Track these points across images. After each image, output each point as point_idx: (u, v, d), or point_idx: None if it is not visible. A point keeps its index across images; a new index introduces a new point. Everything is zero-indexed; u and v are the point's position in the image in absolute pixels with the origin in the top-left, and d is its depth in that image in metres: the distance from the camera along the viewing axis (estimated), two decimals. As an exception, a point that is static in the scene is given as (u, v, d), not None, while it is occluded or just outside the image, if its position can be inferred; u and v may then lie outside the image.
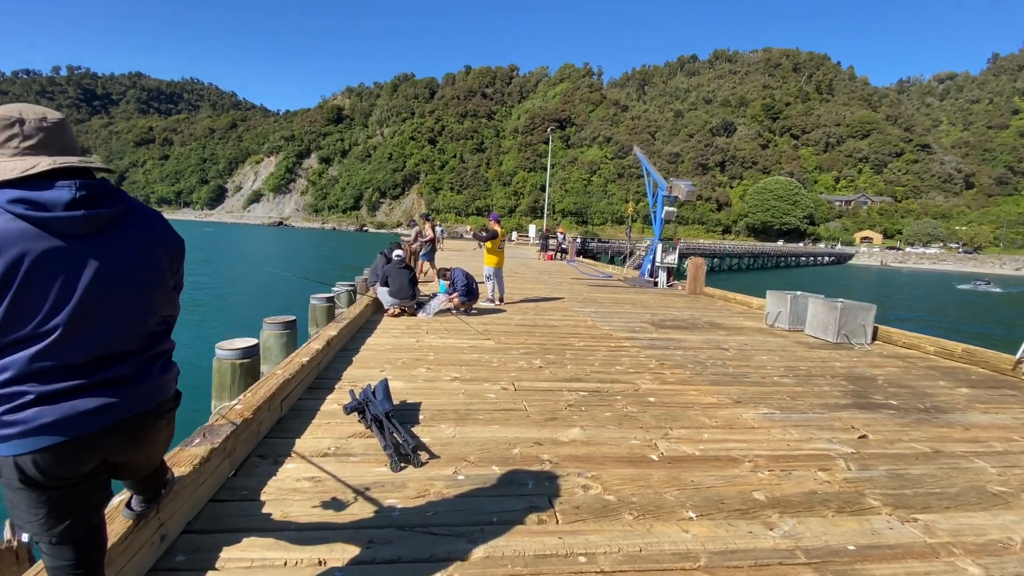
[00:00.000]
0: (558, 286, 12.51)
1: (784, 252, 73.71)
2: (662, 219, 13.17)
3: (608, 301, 10.08)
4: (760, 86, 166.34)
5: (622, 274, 16.84)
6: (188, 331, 13.74)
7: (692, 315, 8.74)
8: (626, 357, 5.53)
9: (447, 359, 5.06)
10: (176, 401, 1.54)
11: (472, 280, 7.70)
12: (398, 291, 7.02)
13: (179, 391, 1.57)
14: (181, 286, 1.56)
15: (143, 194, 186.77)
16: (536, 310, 8.49)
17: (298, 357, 4.05)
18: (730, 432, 3.58)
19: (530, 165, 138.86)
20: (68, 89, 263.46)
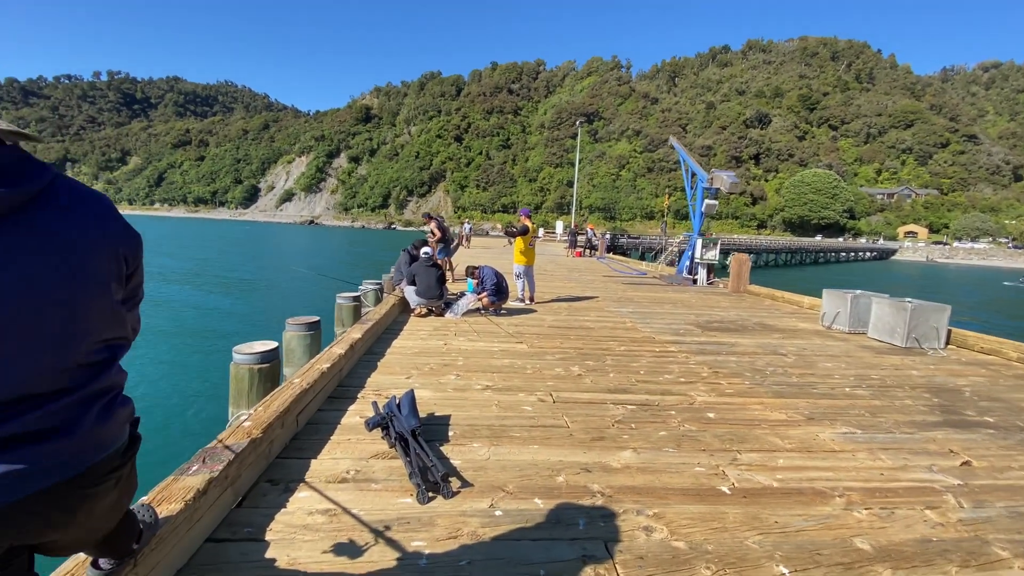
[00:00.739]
0: (590, 284, 12.00)
1: (824, 247, 70.88)
2: (702, 213, 12.48)
3: (646, 300, 9.52)
4: (796, 76, 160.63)
5: (657, 271, 16.16)
6: (207, 334, 13.72)
7: (739, 316, 8.11)
8: (674, 364, 5.02)
9: (477, 365, 4.66)
10: (129, 454, 1.15)
11: (502, 279, 7.29)
12: (425, 290, 6.66)
13: (137, 435, 1.19)
14: (138, 297, 1.17)
15: (180, 194, 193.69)
16: (569, 310, 8.02)
17: (318, 363, 3.71)
18: (809, 457, 3.06)
19: (556, 160, 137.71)
20: (108, 94, 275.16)
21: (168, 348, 11.75)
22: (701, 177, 12.59)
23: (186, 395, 8.28)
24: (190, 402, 7.99)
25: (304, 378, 3.35)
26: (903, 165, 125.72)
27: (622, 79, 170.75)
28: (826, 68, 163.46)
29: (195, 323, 15.02)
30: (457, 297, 7.33)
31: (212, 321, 15.37)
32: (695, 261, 12.61)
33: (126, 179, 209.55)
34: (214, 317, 16.03)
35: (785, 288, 11.47)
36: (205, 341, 12.76)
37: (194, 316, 16.04)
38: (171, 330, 13.76)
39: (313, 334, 5.47)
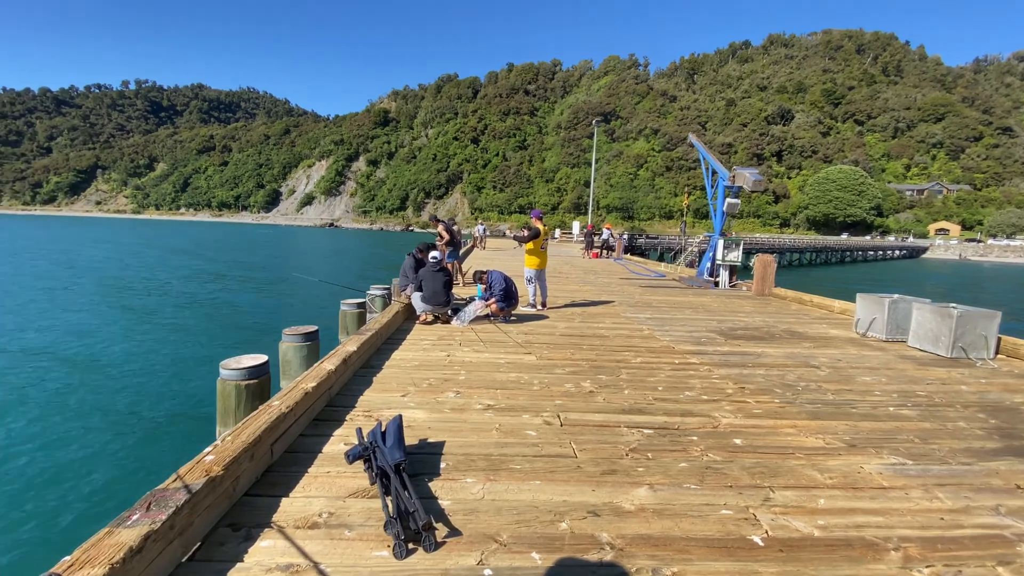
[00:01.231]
0: (606, 287, 11.57)
1: (850, 246, 68.84)
2: (723, 212, 11.96)
3: (665, 305, 9.07)
4: (820, 70, 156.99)
5: (676, 273, 15.63)
6: (198, 345, 12.88)
7: (765, 322, 7.62)
8: (696, 378, 4.60)
9: (480, 380, 4.32)
10: None
11: (511, 283, 6.94)
12: (431, 296, 6.36)
13: None
14: None
15: (205, 199, 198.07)
16: (583, 316, 7.63)
17: (304, 382, 3.41)
18: (855, 495, 2.65)
19: (573, 161, 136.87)
20: (136, 102, 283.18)
21: (156, 359, 11.24)
22: (722, 175, 12.06)
23: (172, 412, 7.99)
24: (176, 420, 7.76)
25: (285, 400, 3.05)
26: (934, 160, 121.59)
27: (639, 77, 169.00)
28: (851, 61, 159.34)
29: (189, 332, 14.40)
30: (465, 303, 7.01)
31: (208, 330, 14.81)
32: (716, 263, 12.08)
33: (153, 185, 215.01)
34: (211, 325, 15.55)
35: (811, 290, 10.91)
36: (199, 350, 12.26)
37: (190, 324, 15.49)
38: (159, 339, 13.19)
39: (310, 345, 5.22)
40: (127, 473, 6.41)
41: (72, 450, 7.05)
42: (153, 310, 17.20)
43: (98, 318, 15.53)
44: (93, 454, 6.90)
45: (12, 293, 19.31)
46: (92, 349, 11.93)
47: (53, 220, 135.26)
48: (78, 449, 7.07)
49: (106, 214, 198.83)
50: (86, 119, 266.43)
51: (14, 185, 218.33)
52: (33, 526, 5.32)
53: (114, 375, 9.95)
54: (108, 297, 19.34)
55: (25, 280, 23.04)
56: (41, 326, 14.08)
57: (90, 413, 8.18)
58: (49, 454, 6.87)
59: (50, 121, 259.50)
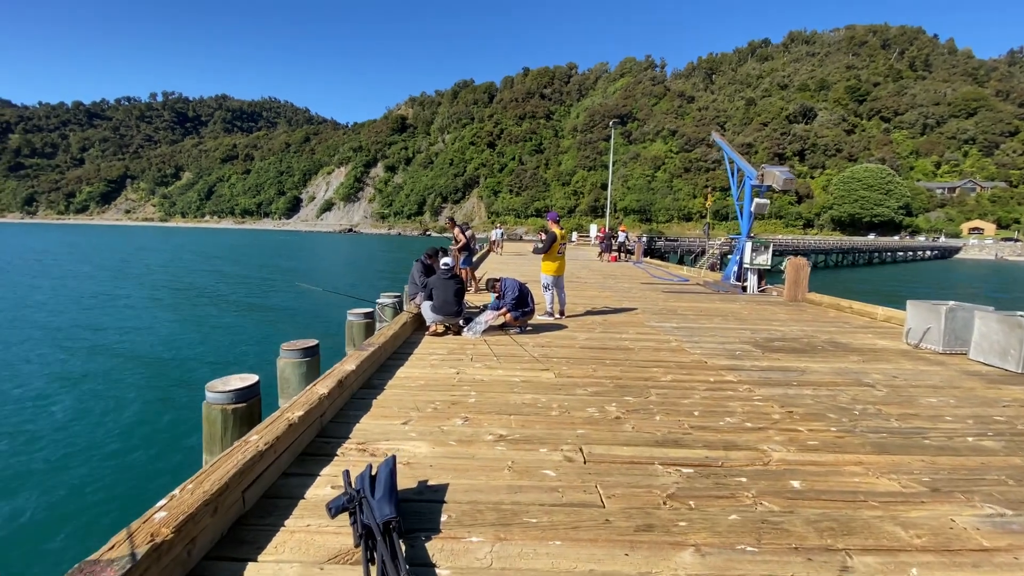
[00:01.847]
0: (627, 293, 11.03)
1: (879, 247, 66.58)
2: (751, 213, 11.32)
3: (691, 312, 8.51)
4: (843, 67, 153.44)
5: (700, 277, 14.97)
6: (189, 363, 11.74)
7: (804, 332, 7.01)
8: (735, 400, 4.08)
9: (492, 403, 3.87)
10: None
11: (526, 291, 6.49)
12: (442, 306, 5.95)
13: None
14: None
15: (228, 206, 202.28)
16: (604, 326, 7.13)
17: (290, 411, 3.01)
18: (953, 562, 2.12)
19: (590, 164, 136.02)
20: (164, 113, 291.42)
21: (142, 378, 10.46)
22: (749, 174, 11.44)
23: (156, 439, 7.47)
24: (163, 447, 7.23)
25: (265, 434, 2.65)
26: (965, 157, 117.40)
27: (656, 79, 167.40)
28: (876, 57, 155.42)
29: (179, 348, 13.15)
30: (478, 312, 6.58)
31: (202, 346, 13.46)
32: (744, 266, 11.44)
33: (179, 193, 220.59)
34: (206, 340, 14.08)
35: (839, 293, 10.23)
36: (189, 371, 11.13)
37: (180, 339, 14.18)
38: (146, 357, 12.16)
39: (310, 361, 4.84)
40: (118, 497, 6.11)
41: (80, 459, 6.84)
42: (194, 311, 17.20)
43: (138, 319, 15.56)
44: (91, 471, 6.65)
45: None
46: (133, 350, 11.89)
47: (88, 229, 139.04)
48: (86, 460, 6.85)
49: (135, 222, 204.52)
50: (116, 131, 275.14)
51: (49, 195, 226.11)
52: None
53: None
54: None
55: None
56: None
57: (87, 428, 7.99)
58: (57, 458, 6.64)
59: (83, 133, 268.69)
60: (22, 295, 21.07)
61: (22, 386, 9.74)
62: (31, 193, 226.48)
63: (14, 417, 8.29)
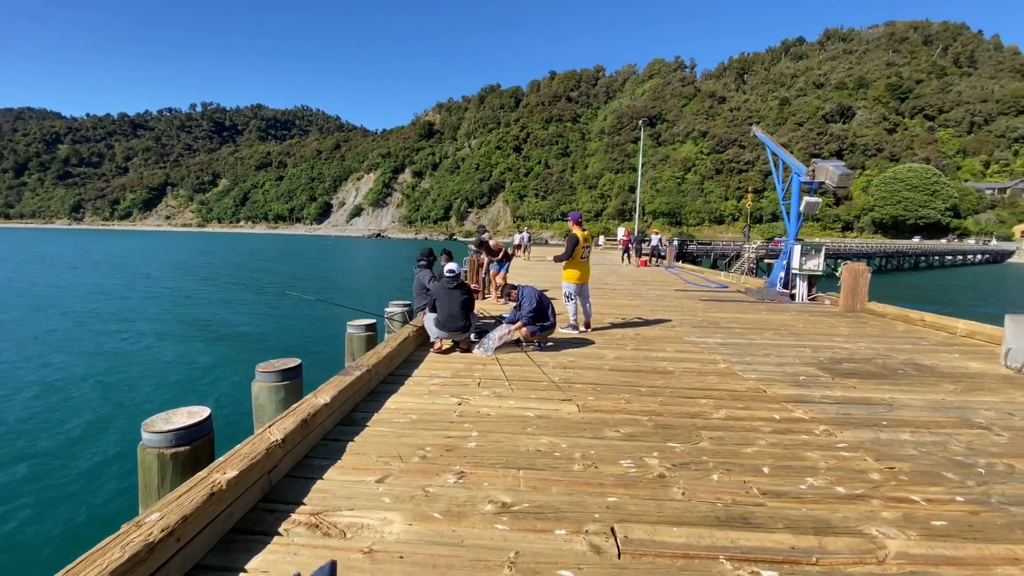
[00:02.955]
0: (660, 301, 10.04)
1: (926, 250, 62.92)
2: (800, 213, 10.20)
3: (736, 325, 7.49)
4: (883, 64, 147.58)
5: (740, 283, 13.80)
6: (154, 387, 10.10)
7: (875, 350, 5.94)
8: (814, 449, 3.14)
9: (497, 449, 3.04)
10: None
11: (545, 301, 5.64)
12: (447, 320, 5.16)
13: None
14: None
15: (262, 212, 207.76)
16: (637, 341, 6.22)
17: (222, 470, 2.25)
18: None
19: (617, 166, 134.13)
20: (202, 123, 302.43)
21: (89, 401, 9.21)
22: (797, 170, 10.32)
23: (95, 478, 6.41)
24: (96, 489, 6.26)
25: (170, 512, 1.89)
26: (1016, 156, 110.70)
27: (686, 79, 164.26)
28: (918, 54, 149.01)
29: (154, 367, 11.67)
30: (493, 324, 5.77)
31: (177, 365, 11.89)
32: (792, 272, 10.31)
33: (216, 200, 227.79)
34: (181, 358, 12.41)
35: (888, 301, 9.02)
36: (147, 396, 9.66)
37: (164, 355, 12.63)
38: (103, 374, 10.86)
39: (289, 384, 4.11)
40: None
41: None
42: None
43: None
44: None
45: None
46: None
47: (135, 234, 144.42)
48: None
49: (175, 227, 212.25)
50: (158, 140, 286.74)
51: (95, 202, 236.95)
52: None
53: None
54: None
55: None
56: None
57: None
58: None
59: (127, 143, 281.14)
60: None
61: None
62: (78, 200, 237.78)
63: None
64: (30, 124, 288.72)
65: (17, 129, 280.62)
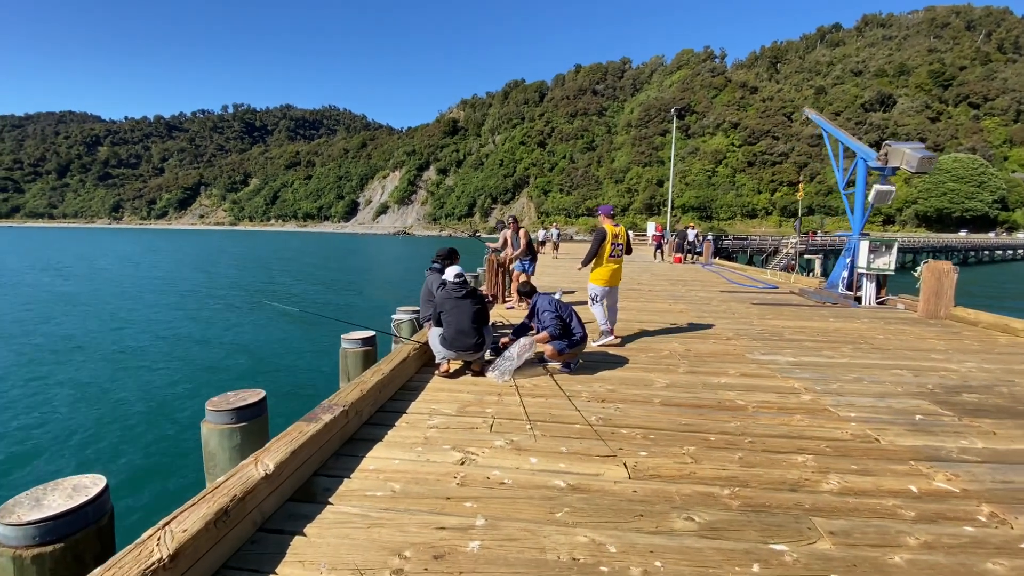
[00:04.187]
0: (706, 305, 8.85)
1: (975, 245, 59.09)
2: (868, 203, 8.87)
3: (804, 336, 6.28)
4: (924, 50, 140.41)
5: (790, 282, 12.42)
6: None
7: (988, 372, 4.68)
8: (993, 556, 2.03)
9: (512, 559, 2.00)
10: None
11: (570, 313, 4.59)
12: (455, 336, 4.16)
13: None
14: None
15: (291, 210, 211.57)
16: (689, 360, 5.09)
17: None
18: None
19: (644, 160, 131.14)
20: (234, 124, 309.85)
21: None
22: (864, 155, 8.99)
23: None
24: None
25: None
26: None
27: (716, 70, 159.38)
28: (961, 39, 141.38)
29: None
30: (511, 336, 4.76)
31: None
32: (858, 271, 8.98)
33: (247, 199, 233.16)
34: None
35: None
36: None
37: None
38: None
39: (247, 426, 3.20)
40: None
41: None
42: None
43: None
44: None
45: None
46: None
47: (174, 233, 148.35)
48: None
49: (208, 226, 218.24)
50: (192, 141, 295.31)
51: (133, 202, 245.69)
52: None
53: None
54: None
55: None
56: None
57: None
58: None
59: (163, 144, 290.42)
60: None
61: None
62: (117, 200, 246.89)
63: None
64: (71, 127, 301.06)
65: (59, 132, 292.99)
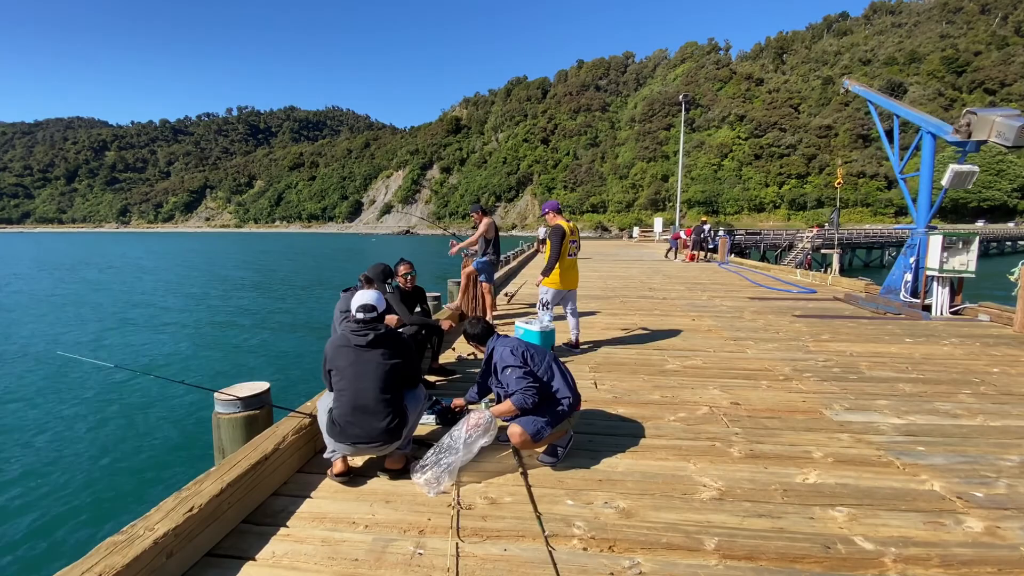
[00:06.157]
0: (736, 320, 7.06)
1: (996, 235, 56.64)
2: (936, 187, 7.08)
3: (885, 368, 4.51)
4: (936, 36, 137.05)
5: (827, 285, 10.57)
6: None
7: None
8: None
9: None
10: None
11: (549, 364, 2.81)
12: (349, 416, 2.39)
13: None
14: None
15: (296, 211, 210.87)
16: (742, 425, 3.33)
17: None
18: None
19: (649, 155, 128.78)
20: (238, 126, 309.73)
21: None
22: (933, 128, 7.21)
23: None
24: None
25: None
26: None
27: (721, 62, 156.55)
28: (975, 24, 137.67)
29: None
30: (466, 401, 3.05)
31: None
32: (928, 273, 7.19)
33: (252, 201, 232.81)
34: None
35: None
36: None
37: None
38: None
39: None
40: None
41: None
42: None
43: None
44: None
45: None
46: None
47: (183, 236, 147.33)
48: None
49: (214, 229, 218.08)
50: (197, 144, 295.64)
51: (140, 206, 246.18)
52: None
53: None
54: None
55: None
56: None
57: None
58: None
59: (169, 148, 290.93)
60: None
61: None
62: (124, 204, 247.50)
63: None
64: (79, 133, 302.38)
65: (68, 138, 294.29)
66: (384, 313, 2.69)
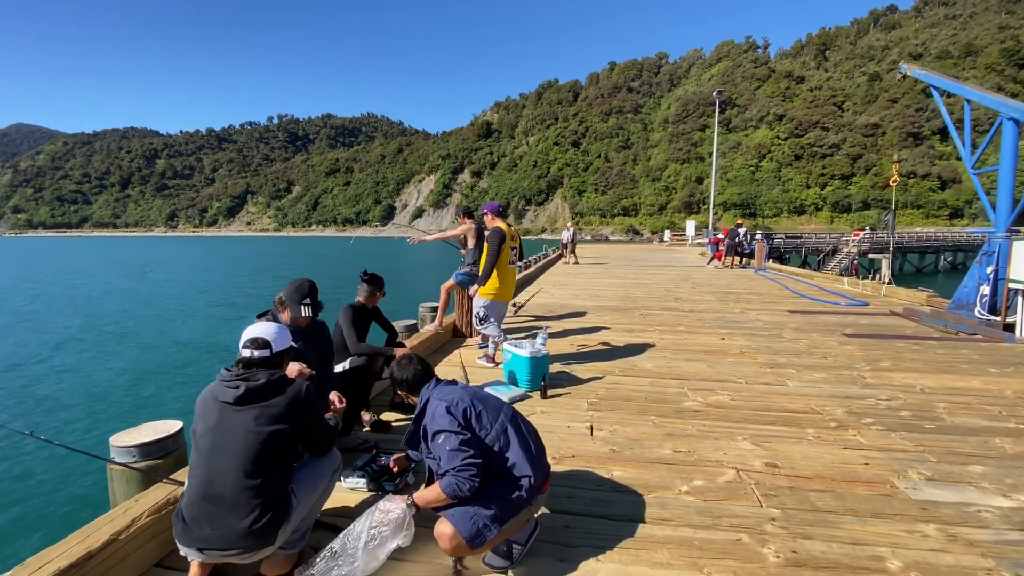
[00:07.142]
0: (777, 340, 6.08)
1: (1068, 239, 51.99)
2: (1020, 183, 5.93)
3: (969, 410, 3.53)
4: (995, 28, 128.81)
5: (880, 295, 9.35)
6: None
7: None
8: None
9: None
10: None
11: (503, 425, 1.97)
12: (198, 508, 1.67)
13: None
14: None
15: (331, 216, 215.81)
16: (783, 507, 2.48)
17: None
18: None
19: (683, 156, 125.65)
20: (279, 134, 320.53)
21: None
22: (1017, 113, 6.07)
23: None
24: None
25: None
26: None
27: (759, 60, 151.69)
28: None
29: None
30: (404, 456, 2.32)
31: None
32: (1011, 285, 6.04)
33: (291, 205, 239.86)
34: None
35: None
36: None
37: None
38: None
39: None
40: None
41: None
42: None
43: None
44: None
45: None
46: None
47: (226, 240, 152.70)
48: None
49: (255, 232, 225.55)
50: (240, 152, 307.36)
51: (187, 211, 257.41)
52: None
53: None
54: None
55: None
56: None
57: None
58: None
59: (214, 156, 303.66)
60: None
61: None
62: (173, 210, 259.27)
63: None
64: (133, 142, 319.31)
65: (122, 147, 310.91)
66: (284, 354, 1.99)
